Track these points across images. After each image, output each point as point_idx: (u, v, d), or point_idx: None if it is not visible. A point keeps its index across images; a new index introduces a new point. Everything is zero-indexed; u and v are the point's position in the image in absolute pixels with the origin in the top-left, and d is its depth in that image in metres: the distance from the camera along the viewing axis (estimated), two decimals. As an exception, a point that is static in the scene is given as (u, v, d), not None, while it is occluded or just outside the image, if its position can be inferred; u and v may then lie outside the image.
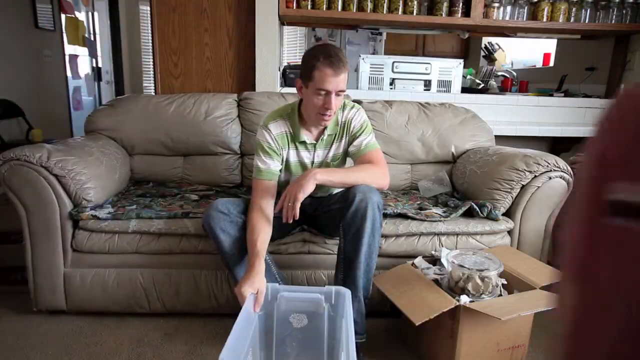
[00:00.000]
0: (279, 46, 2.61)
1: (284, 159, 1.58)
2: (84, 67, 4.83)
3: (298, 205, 1.34)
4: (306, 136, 1.56)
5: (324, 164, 1.61)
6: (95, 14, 5.04)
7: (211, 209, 1.46)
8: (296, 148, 1.58)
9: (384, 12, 2.48)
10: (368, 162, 1.51)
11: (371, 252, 1.42)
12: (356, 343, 1.46)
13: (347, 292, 1.26)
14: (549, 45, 4.17)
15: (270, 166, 1.53)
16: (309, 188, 1.35)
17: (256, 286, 1.27)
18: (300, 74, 1.47)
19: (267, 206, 1.48)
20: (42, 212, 1.63)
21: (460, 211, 1.75)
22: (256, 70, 2.50)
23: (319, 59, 1.39)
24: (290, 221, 1.37)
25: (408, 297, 1.40)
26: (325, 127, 1.55)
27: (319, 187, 1.40)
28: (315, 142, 1.58)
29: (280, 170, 1.58)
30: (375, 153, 1.54)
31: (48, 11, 4.13)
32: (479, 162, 1.97)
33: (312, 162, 1.60)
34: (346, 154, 1.62)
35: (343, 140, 1.60)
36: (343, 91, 1.44)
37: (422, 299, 1.37)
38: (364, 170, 1.48)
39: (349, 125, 1.58)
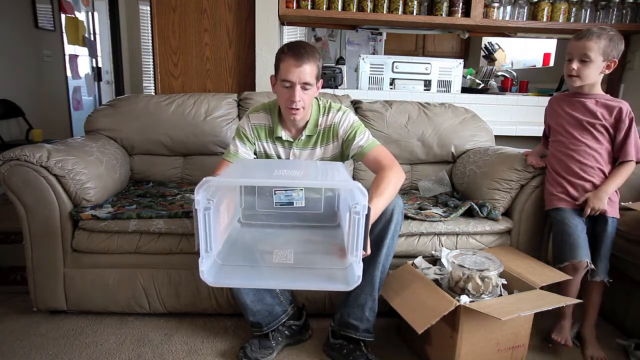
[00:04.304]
0: (279, 46, 2.60)
1: (262, 151, 1.60)
2: (84, 67, 4.83)
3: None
4: (284, 133, 1.57)
5: None
6: (95, 14, 5.04)
7: None
8: (274, 142, 1.59)
9: (384, 12, 2.48)
10: (375, 162, 1.47)
11: (389, 253, 1.44)
12: (365, 342, 1.48)
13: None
14: (549, 45, 4.18)
15: (239, 150, 1.55)
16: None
17: None
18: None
19: None
20: (42, 212, 1.63)
21: (460, 211, 1.75)
22: (256, 70, 2.51)
23: (283, 51, 1.43)
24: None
25: (409, 304, 1.41)
26: (304, 127, 1.55)
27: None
28: (292, 140, 1.57)
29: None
30: (379, 150, 1.50)
31: (48, 11, 4.13)
32: (478, 162, 1.97)
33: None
34: (342, 158, 1.61)
35: (332, 145, 1.58)
36: (309, 84, 1.42)
37: (423, 303, 1.37)
38: (392, 180, 1.39)
39: (336, 129, 1.56)
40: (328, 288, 1.20)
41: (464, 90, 3.02)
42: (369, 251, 1.21)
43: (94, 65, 5.04)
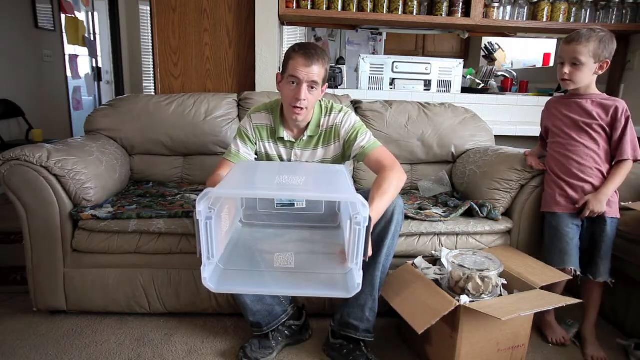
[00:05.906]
0: (279, 46, 2.61)
1: (263, 152, 1.60)
2: (84, 67, 4.83)
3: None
4: (286, 133, 1.57)
5: None
6: (95, 14, 5.04)
7: None
8: (275, 143, 1.59)
9: (384, 12, 2.48)
10: (376, 163, 1.47)
11: (389, 253, 1.44)
12: (366, 342, 1.48)
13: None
14: (549, 45, 4.18)
15: (241, 150, 1.56)
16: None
17: None
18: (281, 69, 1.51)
19: None
20: (42, 212, 1.63)
21: (460, 211, 1.75)
22: (256, 71, 2.50)
23: (294, 49, 1.44)
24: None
25: (409, 304, 1.41)
26: (306, 128, 1.55)
27: None
28: (294, 140, 1.57)
29: (255, 160, 1.60)
30: (380, 151, 1.50)
31: (48, 11, 4.13)
32: (478, 162, 1.97)
33: (290, 161, 1.60)
34: (343, 158, 1.61)
35: (333, 146, 1.58)
36: (316, 83, 1.43)
37: (423, 303, 1.37)
38: (393, 181, 1.38)
39: (337, 130, 1.56)
40: (328, 295, 1.20)
41: (464, 90, 3.02)
42: (370, 254, 1.21)
43: (94, 65, 5.04)
